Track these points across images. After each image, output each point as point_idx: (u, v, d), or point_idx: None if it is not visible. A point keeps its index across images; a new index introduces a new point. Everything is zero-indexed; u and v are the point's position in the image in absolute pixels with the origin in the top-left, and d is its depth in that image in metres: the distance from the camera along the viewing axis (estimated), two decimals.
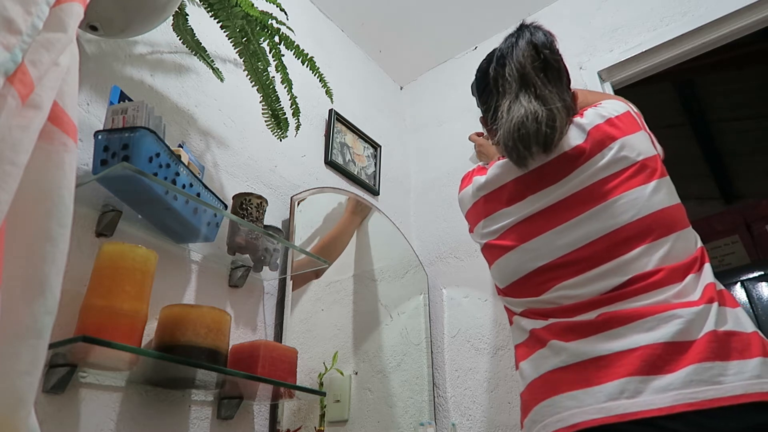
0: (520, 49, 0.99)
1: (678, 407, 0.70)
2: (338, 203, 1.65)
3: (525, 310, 0.93)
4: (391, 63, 2.20)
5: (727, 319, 0.77)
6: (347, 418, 1.36)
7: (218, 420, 1.07)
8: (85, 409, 0.87)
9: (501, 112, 0.97)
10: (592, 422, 0.74)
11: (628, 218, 0.86)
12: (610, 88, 1.69)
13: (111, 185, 0.93)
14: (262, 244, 1.19)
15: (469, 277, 1.70)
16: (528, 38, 1.00)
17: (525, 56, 0.98)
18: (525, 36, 1.01)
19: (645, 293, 0.81)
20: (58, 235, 0.53)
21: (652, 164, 0.91)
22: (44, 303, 0.51)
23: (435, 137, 2.08)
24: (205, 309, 0.96)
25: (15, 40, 0.51)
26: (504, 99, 0.98)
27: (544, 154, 0.94)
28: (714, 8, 1.53)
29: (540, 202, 0.94)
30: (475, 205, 1.05)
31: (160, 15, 0.99)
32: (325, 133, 1.75)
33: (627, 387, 0.74)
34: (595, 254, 0.86)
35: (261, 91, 1.18)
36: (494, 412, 1.47)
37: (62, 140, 0.56)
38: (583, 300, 0.85)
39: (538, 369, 0.86)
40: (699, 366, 0.72)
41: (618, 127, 0.94)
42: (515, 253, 0.95)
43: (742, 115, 3.01)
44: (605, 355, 0.78)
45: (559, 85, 0.98)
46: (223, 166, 1.32)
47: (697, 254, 0.85)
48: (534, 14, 1.96)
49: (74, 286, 0.89)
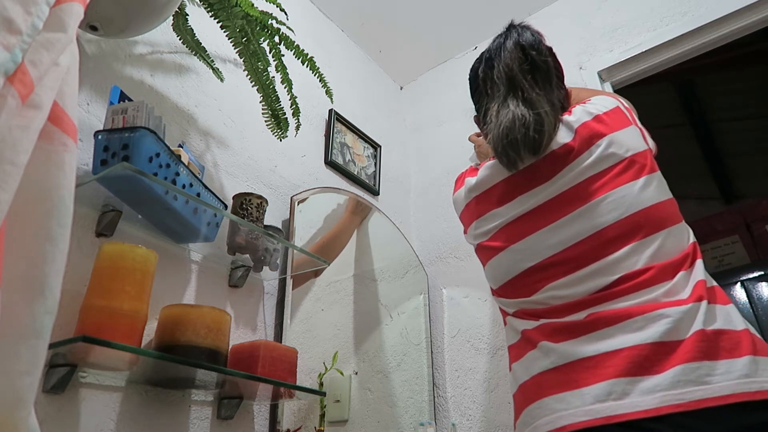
0: (507, 50, 0.99)
1: (664, 408, 0.69)
2: (338, 203, 1.65)
3: (517, 311, 0.93)
4: (391, 63, 2.20)
5: (716, 318, 0.76)
6: (347, 418, 1.36)
7: (218, 420, 1.07)
8: (85, 409, 0.87)
9: (490, 116, 0.97)
10: (579, 425, 0.73)
11: (615, 217, 0.85)
12: (610, 88, 1.69)
13: (111, 185, 0.93)
14: (262, 244, 1.19)
15: (469, 277, 1.70)
16: (515, 39, 1.00)
17: (512, 58, 0.97)
18: (512, 37, 1.01)
19: (633, 292, 0.80)
20: (58, 235, 0.53)
21: (641, 160, 0.90)
22: (44, 303, 0.51)
23: (435, 137, 2.08)
24: (205, 309, 0.96)
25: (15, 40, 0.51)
26: (493, 102, 0.98)
27: (534, 157, 0.94)
28: (714, 8, 1.53)
29: (529, 202, 0.94)
30: (468, 206, 1.05)
31: (160, 15, 0.99)
32: (325, 133, 1.75)
33: (614, 388, 0.73)
34: (583, 254, 0.86)
35: (261, 91, 1.18)
36: (494, 412, 1.47)
37: (62, 140, 0.56)
38: (572, 300, 0.84)
39: (529, 371, 0.85)
40: (686, 366, 0.71)
41: (606, 124, 0.93)
42: (506, 254, 0.95)
43: (742, 115, 3.00)
44: (593, 356, 0.78)
45: (548, 87, 0.97)
46: (223, 166, 1.32)
47: (689, 250, 0.84)
48: (534, 14, 1.96)
49: (74, 286, 0.89)
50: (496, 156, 0.97)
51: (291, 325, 1.30)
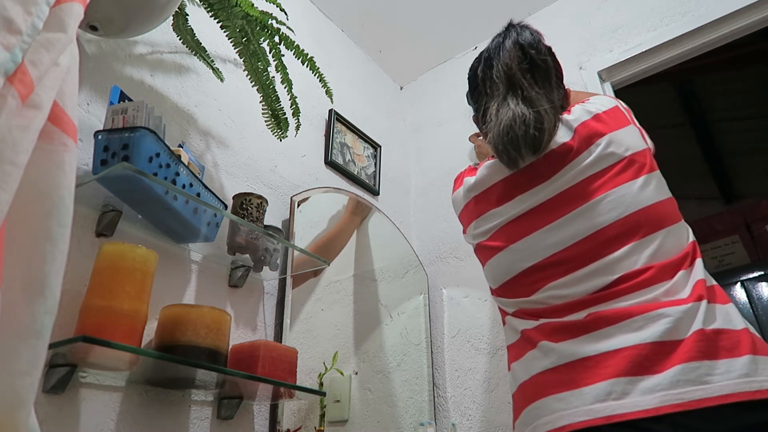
0: (506, 50, 0.99)
1: (664, 408, 0.69)
2: (338, 203, 1.65)
3: (517, 311, 0.93)
4: (391, 63, 2.20)
5: (716, 317, 0.76)
6: (347, 418, 1.36)
7: (218, 420, 1.07)
8: (85, 409, 0.87)
9: (489, 115, 0.97)
10: (579, 424, 0.73)
11: (615, 216, 0.85)
12: (610, 88, 1.69)
13: (111, 185, 0.93)
14: (262, 244, 1.19)
15: (469, 277, 1.70)
16: (514, 38, 1.00)
17: (511, 57, 0.97)
18: (511, 36, 1.01)
19: (633, 292, 0.80)
20: (58, 235, 0.53)
21: (640, 159, 0.90)
22: (44, 303, 0.51)
23: (435, 137, 2.08)
24: (205, 309, 0.96)
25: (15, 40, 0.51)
26: (492, 101, 0.98)
27: (534, 155, 0.94)
28: (714, 8, 1.53)
29: (528, 201, 0.94)
30: (467, 206, 1.05)
31: (160, 15, 0.99)
32: (325, 133, 1.75)
33: (614, 388, 0.73)
34: (583, 254, 0.86)
35: (261, 91, 1.18)
36: (494, 412, 1.47)
37: (62, 140, 0.56)
38: (572, 300, 0.84)
39: (529, 370, 0.85)
40: (686, 366, 0.71)
41: (605, 123, 0.93)
42: (505, 254, 0.95)
43: (742, 115, 3.00)
44: (593, 355, 0.77)
45: (547, 86, 0.97)
46: (223, 166, 1.32)
47: (689, 249, 0.84)
48: (534, 14, 1.96)
49: (74, 286, 0.89)
50: (496, 154, 0.97)
51: (291, 325, 1.30)
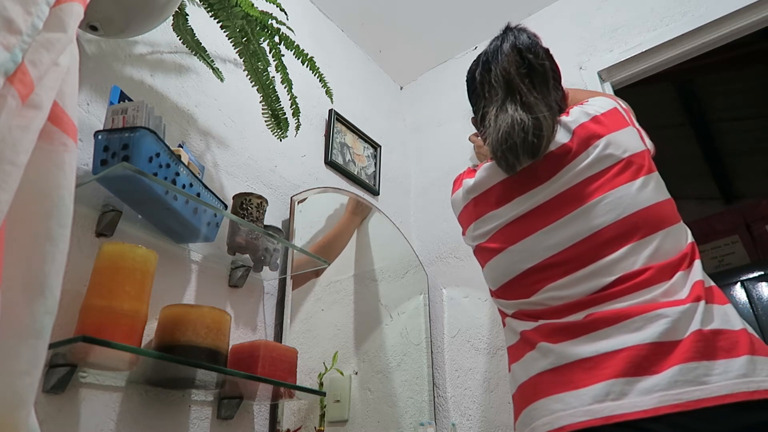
0: (504, 54, 0.99)
1: (662, 409, 0.69)
2: (338, 203, 1.65)
3: (516, 312, 0.93)
4: (391, 63, 2.20)
5: (713, 318, 0.76)
6: (347, 418, 1.36)
7: (218, 420, 1.07)
8: (85, 409, 0.87)
9: (488, 120, 0.97)
10: (578, 425, 0.73)
11: (613, 218, 0.86)
12: (610, 88, 1.69)
13: (111, 185, 0.93)
14: (262, 244, 1.19)
15: (469, 277, 1.70)
16: (512, 42, 1.00)
17: (509, 62, 0.97)
18: (509, 40, 1.00)
19: (632, 293, 0.80)
20: (58, 235, 0.53)
21: (639, 160, 0.90)
22: (44, 303, 0.51)
23: (435, 137, 2.08)
24: (205, 309, 0.96)
25: (15, 40, 0.51)
26: (491, 106, 0.98)
27: (532, 160, 0.94)
28: (714, 8, 1.53)
29: (527, 203, 0.94)
30: (466, 208, 1.05)
31: (160, 15, 0.99)
32: (325, 133, 1.75)
33: (612, 389, 0.73)
34: (581, 255, 0.86)
35: (261, 91, 1.18)
36: (494, 412, 1.47)
37: (62, 140, 0.56)
38: (571, 301, 0.84)
39: (528, 371, 0.85)
40: (684, 366, 0.71)
41: (603, 124, 0.93)
42: (504, 255, 0.95)
43: (742, 115, 3.01)
44: (592, 356, 0.78)
45: (545, 90, 0.97)
46: (223, 166, 1.32)
47: (687, 250, 0.84)
48: (534, 14, 1.96)
49: (74, 286, 0.89)
50: (495, 160, 0.97)
51: (291, 325, 1.30)
